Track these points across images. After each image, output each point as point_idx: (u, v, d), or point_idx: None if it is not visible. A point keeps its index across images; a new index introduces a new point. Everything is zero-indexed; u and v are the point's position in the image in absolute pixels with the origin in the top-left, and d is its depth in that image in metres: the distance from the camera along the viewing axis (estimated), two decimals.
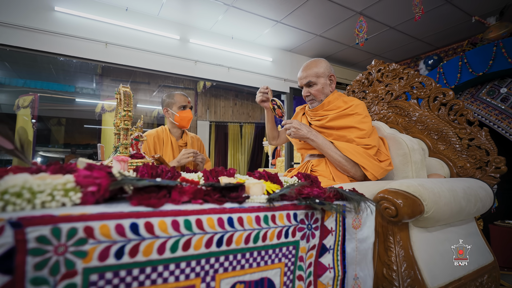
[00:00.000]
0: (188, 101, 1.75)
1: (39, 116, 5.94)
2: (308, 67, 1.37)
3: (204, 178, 0.70)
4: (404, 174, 1.24)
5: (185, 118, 1.71)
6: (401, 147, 1.27)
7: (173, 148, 1.72)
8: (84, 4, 2.87)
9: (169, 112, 1.73)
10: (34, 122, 5.06)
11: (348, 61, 4.78)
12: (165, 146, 1.70)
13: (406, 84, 1.56)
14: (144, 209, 0.43)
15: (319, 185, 0.90)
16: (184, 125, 1.72)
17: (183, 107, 1.71)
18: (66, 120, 6.93)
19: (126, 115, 0.83)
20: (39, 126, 6.57)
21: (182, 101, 1.72)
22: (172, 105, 1.72)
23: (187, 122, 1.72)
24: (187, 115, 1.71)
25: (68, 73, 5.93)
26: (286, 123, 1.28)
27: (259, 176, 0.79)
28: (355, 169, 1.18)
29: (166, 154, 1.66)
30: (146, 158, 0.88)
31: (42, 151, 7.04)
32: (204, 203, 0.49)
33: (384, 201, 0.88)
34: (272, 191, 0.62)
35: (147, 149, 1.62)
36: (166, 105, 1.75)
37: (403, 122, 1.55)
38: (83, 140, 7.05)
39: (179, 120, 1.70)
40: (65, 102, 6.42)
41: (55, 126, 7.00)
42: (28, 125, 4.96)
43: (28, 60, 4.98)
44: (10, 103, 5.79)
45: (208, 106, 7.64)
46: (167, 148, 1.68)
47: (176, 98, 1.73)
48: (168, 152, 1.67)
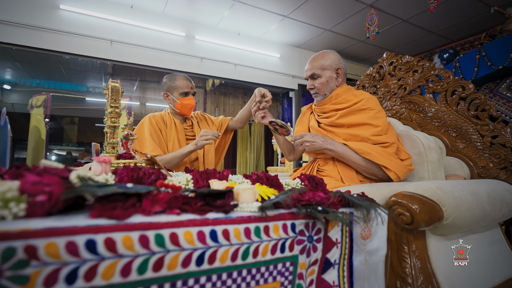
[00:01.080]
0: (191, 86, 1.55)
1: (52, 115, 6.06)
2: (314, 59, 1.29)
3: (193, 182, 0.63)
4: (420, 175, 1.14)
5: (187, 106, 1.54)
6: (416, 146, 1.16)
7: (177, 131, 1.56)
8: (89, 1, 2.84)
9: (170, 97, 1.56)
10: (47, 121, 5.13)
11: (358, 57, 4.63)
12: (168, 129, 1.54)
13: (421, 78, 1.44)
14: (106, 222, 0.35)
15: (324, 188, 0.81)
16: (185, 113, 1.57)
17: (185, 93, 1.53)
18: (79, 119, 7.08)
19: (113, 111, 0.77)
20: (52, 125, 6.71)
21: (184, 86, 1.53)
22: (173, 90, 1.54)
23: (189, 110, 1.56)
24: (189, 103, 1.53)
25: (80, 72, 6.03)
26: (295, 139, 1.15)
27: (256, 178, 0.71)
28: (381, 172, 1.07)
29: (171, 137, 1.53)
30: (136, 158, 0.81)
31: (56, 149, 7.19)
32: (182, 213, 0.41)
33: (397, 207, 0.78)
34: (267, 197, 0.54)
35: (153, 132, 1.49)
36: (167, 89, 1.57)
37: (418, 119, 1.44)
38: (96, 139, 7.14)
39: (180, 107, 1.54)
40: (77, 102, 6.55)
41: (68, 125, 7.15)
42: (41, 124, 5.03)
43: (39, 60, 5.05)
44: (24, 102, 5.93)
45: (217, 104, 7.59)
46: (171, 131, 1.53)
47: (178, 82, 1.54)
48: (173, 135, 1.53)
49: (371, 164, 1.08)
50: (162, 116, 1.57)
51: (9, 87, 6.28)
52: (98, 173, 0.62)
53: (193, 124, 1.66)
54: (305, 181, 0.81)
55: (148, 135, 1.47)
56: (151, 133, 1.48)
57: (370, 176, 1.12)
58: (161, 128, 1.52)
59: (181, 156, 1.44)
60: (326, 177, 1.17)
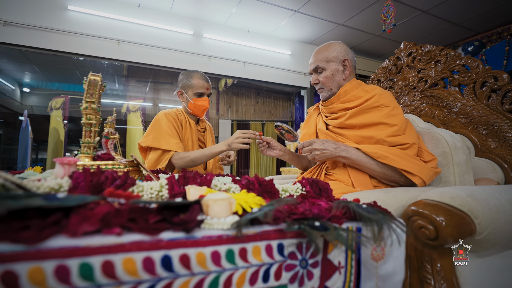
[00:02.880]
0: (208, 87, 1.47)
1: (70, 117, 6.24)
2: (318, 51, 1.16)
3: (168, 188, 0.53)
4: (445, 179, 0.99)
5: (200, 108, 1.47)
6: (440, 145, 1.02)
7: (192, 131, 1.49)
8: (96, 1, 2.83)
9: (184, 96, 1.48)
10: (65, 123, 5.26)
11: (374, 52, 4.42)
12: (183, 128, 1.47)
13: (445, 69, 1.28)
14: (9, 248, 0.26)
15: (329, 194, 0.69)
16: (198, 114, 1.49)
17: (200, 94, 1.45)
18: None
19: (89, 107, 0.68)
20: (71, 127, 6.91)
21: (200, 86, 1.45)
22: (188, 88, 1.46)
23: (202, 112, 1.49)
24: (203, 104, 1.46)
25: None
26: (303, 146, 1.02)
27: (246, 183, 0.61)
28: (404, 179, 0.94)
29: (185, 137, 1.45)
30: (116, 160, 0.72)
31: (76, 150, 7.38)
32: (126, 232, 0.31)
33: (418, 218, 0.65)
34: (250, 208, 0.43)
35: (172, 128, 1.40)
36: (182, 86, 1.49)
37: (441, 115, 1.28)
38: None
39: (193, 108, 1.46)
40: None
41: None
42: (60, 125, 5.17)
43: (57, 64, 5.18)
44: (43, 105, 6.15)
45: (230, 105, 7.55)
46: (186, 131, 1.46)
47: (194, 80, 1.46)
48: (188, 135, 1.45)
49: (390, 170, 0.94)
50: (177, 114, 1.48)
51: (28, 90, 6.50)
52: (61, 177, 0.54)
53: (206, 130, 1.58)
54: (306, 186, 0.70)
55: (168, 130, 1.37)
56: (171, 128, 1.39)
57: (390, 183, 0.99)
58: (177, 126, 1.43)
59: (210, 155, 1.33)
60: (335, 182, 1.04)
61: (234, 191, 0.59)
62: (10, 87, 5.94)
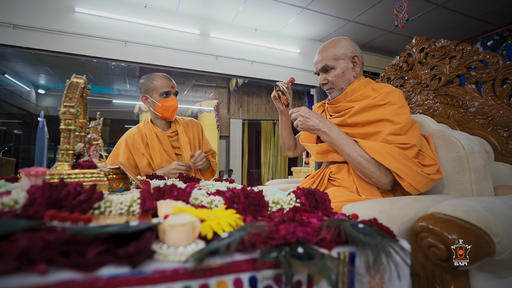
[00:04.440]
0: (172, 85, 1.41)
1: None
2: (324, 49, 1.09)
3: (140, 203, 0.48)
4: (459, 187, 0.90)
5: (169, 108, 1.38)
6: (454, 149, 0.93)
7: (160, 141, 1.41)
8: (103, 3, 2.84)
9: (149, 100, 1.39)
10: None
11: (386, 49, 4.27)
12: (150, 142, 1.39)
13: (461, 65, 1.18)
14: None
15: (327, 207, 0.63)
16: (168, 116, 1.40)
17: (165, 93, 1.38)
18: (111, 121, 7.51)
19: (67, 112, 0.64)
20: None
21: (164, 86, 1.37)
22: (152, 91, 1.38)
23: (172, 112, 1.40)
24: (171, 104, 1.38)
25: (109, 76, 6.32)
26: (293, 112, 1.01)
27: (230, 196, 0.55)
28: (380, 173, 0.88)
29: (154, 151, 1.39)
30: (99, 167, 0.68)
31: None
32: (55, 269, 0.26)
33: (427, 235, 0.58)
34: (223, 231, 0.37)
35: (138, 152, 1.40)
36: (145, 91, 1.40)
37: (457, 115, 1.18)
38: None
39: (161, 110, 1.38)
40: (106, 104, 6.91)
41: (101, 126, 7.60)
42: None
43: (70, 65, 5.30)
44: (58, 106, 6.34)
45: (241, 104, 7.51)
46: (153, 144, 1.39)
47: (157, 81, 1.38)
48: (156, 148, 1.39)
49: (373, 164, 0.88)
50: (140, 132, 1.43)
51: (43, 92, 6.68)
52: (26, 190, 0.49)
53: (179, 132, 1.46)
54: (301, 197, 0.63)
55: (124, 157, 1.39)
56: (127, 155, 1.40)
57: (363, 177, 0.93)
58: (139, 147, 1.40)
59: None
60: (338, 188, 0.97)
61: (217, 205, 0.53)
62: (25, 89, 6.12)
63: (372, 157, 0.87)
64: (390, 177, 0.88)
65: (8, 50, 2.73)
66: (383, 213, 0.67)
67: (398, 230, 0.66)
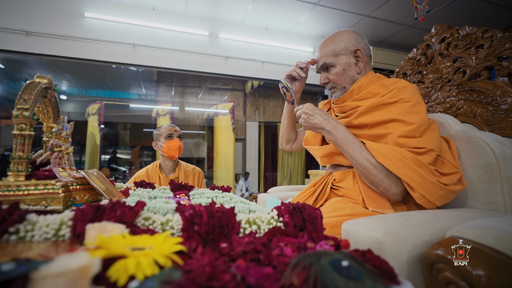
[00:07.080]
0: (175, 130, 1.70)
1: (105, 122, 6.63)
2: (323, 45, 0.97)
3: (71, 225, 0.39)
4: (488, 200, 0.74)
5: (172, 148, 1.65)
6: (482, 153, 0.77)
7: (160, 183, 1.64)
8: (111, 7, 2.86)
9: (158, 145, 1.69)
10: (101, 127, 5.56)
11: (405, 45, 4.02)
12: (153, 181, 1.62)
13: (489, 55, 1.02)
14: None
15: (317, 227, 0.52)
16: (172, 155, 1.65)
17: (169, 136, 1.66)
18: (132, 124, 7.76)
19: (20, 115, 0.57)
20: (106, 131, 7.35)
21: (167, 130, 1.68)
22: (160, 137, 1.68)
23: (175, 151, 1.65)
24: (174, 144, 1.65)
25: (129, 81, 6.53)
26: (297, 109, 0.91)
27: (190, 216, 0.45)
28: (388, 182, 0.75)
29: None
30: (60, 177, 0.60)
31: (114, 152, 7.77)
32: None
33: (444, 266, 0.45)
34: (143, 274, 0.27)
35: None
36: (155, 139, 1.72)
37: (485, 113, 1.02)
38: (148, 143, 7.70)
39: (167, 150, 1.64)
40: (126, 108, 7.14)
41: (122, 131, 7.88)
42: (96, 130, 5.48)
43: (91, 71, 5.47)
44: (78, 111, 6.63)
45: (257, 107, 7.43)
46: None
47: (163, 129, 1.70)
48: None
49: (381, 171, 0.74)
50: (148, 172, 1.67)
51: (65, 97, 6.96)
52: None
53: (179, 178, 1.70)
54: (285, 215, 0.52)
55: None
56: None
57: (369, 185, 0.81)
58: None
59: None
60: (341, 199, 0.84)
61: (174, 226, 0.44)
62: None
63: (379, 162, 0.74)
64: (400, 186, 0.74)
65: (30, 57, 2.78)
66: (388, 235, 0.54)
67: (408, 257, 0.53)
